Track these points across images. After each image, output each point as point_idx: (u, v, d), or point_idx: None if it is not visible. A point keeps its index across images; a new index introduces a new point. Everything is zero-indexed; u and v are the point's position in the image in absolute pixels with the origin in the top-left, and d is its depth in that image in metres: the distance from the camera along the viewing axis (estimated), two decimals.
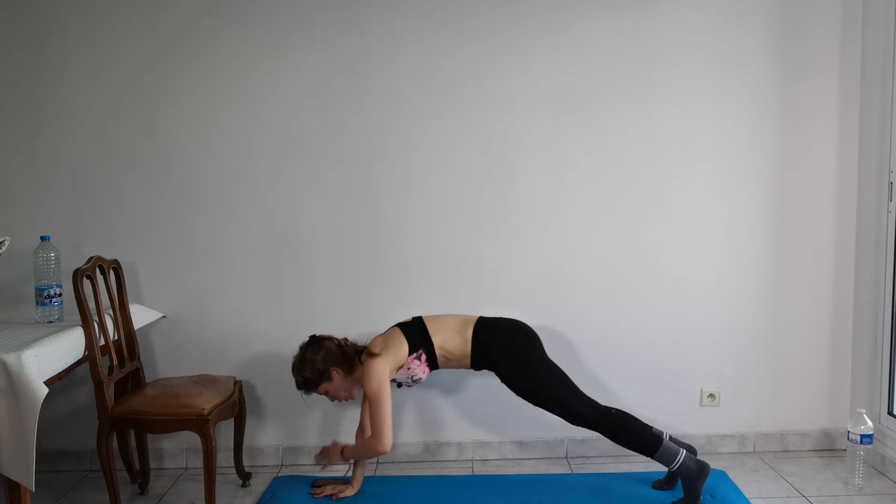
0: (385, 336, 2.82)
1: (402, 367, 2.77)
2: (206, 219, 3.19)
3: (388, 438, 2.66)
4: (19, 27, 3.09)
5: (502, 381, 2.82)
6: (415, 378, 2.80)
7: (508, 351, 2.79)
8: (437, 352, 2.78)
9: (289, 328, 3.19)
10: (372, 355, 2.71)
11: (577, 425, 2.77)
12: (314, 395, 2.83)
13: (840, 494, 2.91)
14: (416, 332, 2.79)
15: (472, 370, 2.88)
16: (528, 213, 3.21)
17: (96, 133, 3.14)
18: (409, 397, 3.26)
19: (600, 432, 2.75)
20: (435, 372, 2.86)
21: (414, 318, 2.87)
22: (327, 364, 2.74)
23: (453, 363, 2.82)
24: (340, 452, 2.85)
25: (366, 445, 2.77)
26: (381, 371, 2.68)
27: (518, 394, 2.80)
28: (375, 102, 3.16)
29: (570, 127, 3.18)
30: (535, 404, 2.79)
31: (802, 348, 3.31)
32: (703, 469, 2.69)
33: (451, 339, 2.78)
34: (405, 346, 2.76)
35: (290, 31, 3.12)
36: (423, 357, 2.78)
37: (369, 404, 2.70)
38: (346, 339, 2.85)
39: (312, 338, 2.83)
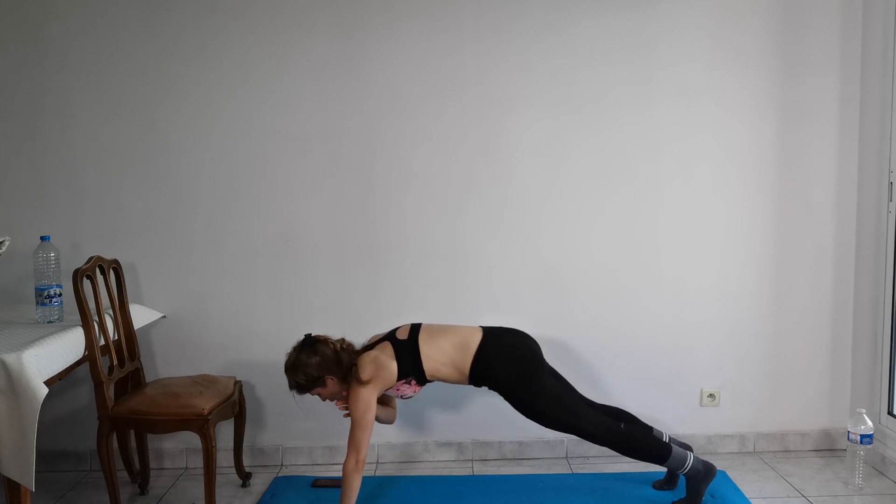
0: (375, 356, 2.68)
1: (390, 388, 2.72)
2: (206, 219, 3.19)
3: (360, 457, 2.58)
4: (18, 27, 3.09)
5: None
6: (404, 396, 2.76)
7: (511, 377, 2.70)
8: (429, 377, 2.71)
9: (289, 328, 3.18)
10: (360, 382, 2.63)
11: (586, 440, 2.74)
12: (306, 396, 2.80)
13: (840, 494, 2.91)
14: (407, 356, 2.68)
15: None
16: (528, 213, 3.21)
17: (96, 133, 3.14)
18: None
19: (611, 448, 2.72)
20: None
21: (410, 332, 2.74)
22: (321, 371, 2.66)
23: (450, 383, 2.77)
24: None
25: (346, 479, 2.62)
26: (367, 399, 2.62)
27: (521, 412, 2.75)
28: (375, 102, 3.16)
29: (570, 127, 3.18)
30: (539, 423, 2.75)
31: (802, 348, 3.30)
32: (709, 471, 2.69)
33: (444, 368, 2.70)
34: (395, 372, 2.66)
35: (290, 31, 3.12)
36: (413, 382, 2.72)
37: (351, 423, 2.63)
38: (342, 342, 2.75)
39: (308, 338, 2.73)
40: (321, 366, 2.67)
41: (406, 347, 2.70)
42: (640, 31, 3.15)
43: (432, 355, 2.69)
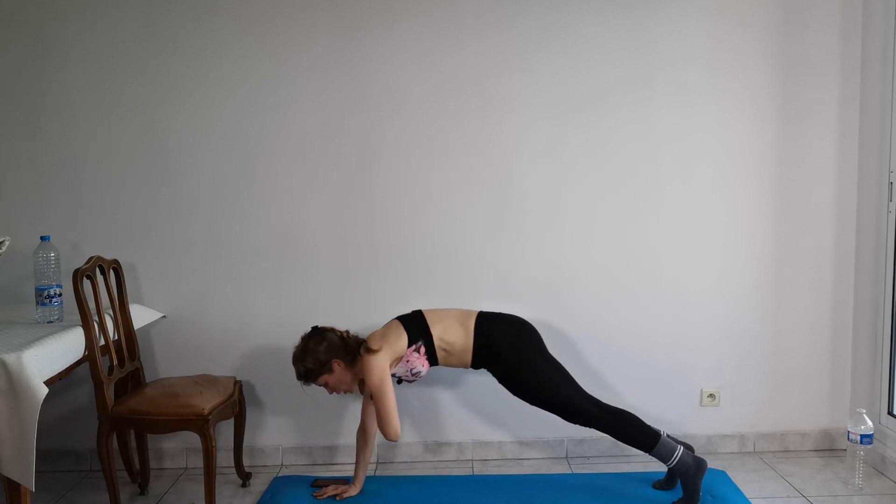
0: (384, 330, 2.82)
1: (401, 359, 2.77)
2: (206, 219, 3.19)
3: (395, 426, 2.68)
4: (18, 27, 3.09)
5: (500, 380, 2.81)
6: (414, 371, 2.79)
7: (511, 341, 2.79)
8: (437, 343, 2.78)
9: (289, 328, 3.18)
10: (371, 351, 2.71)
11: (576, 423, 2.77)
12: (313, 386, 2.83)
13: (840, 494, 2.91)
14: (415, 324, 2.79)
15: (470, 369, 2.88)
16: (528, 213, 3.21)
17: (96, 133, 3.14)
18: (410, 397, 3.26)
19: (599, 428, 2.75)
20: (435, 369, 2.86)
21: (414, 311, 2.87)
22: (329, 355, 2.74)
23: (454, 358, 2.81)
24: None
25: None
26: (381, 365, 2.69)
27: (517, 390, 2.79)
28: (375, 102, 3.16)
29: (570, 127, 3.18)
30: (533, 401, 2.79)
31: (802, 348, 3.31)
32: (700, 465, 2.69)
33: (451, 330, 2.78)
34: (404, 338, 2.76)
35: (290, 31, 3.12)
36: (423, 350, 2.77)
37: (373, 398, 2.71)
38: (347, 332, 2.85)
39: (315, 329, 2.83)
40: (328, 350, 2.75)
41: (412, 317, 2.83)
42: (640, 31, 3.15)
43: (438, 319, 2.81)
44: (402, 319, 2.83)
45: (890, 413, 3.08)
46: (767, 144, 3.21)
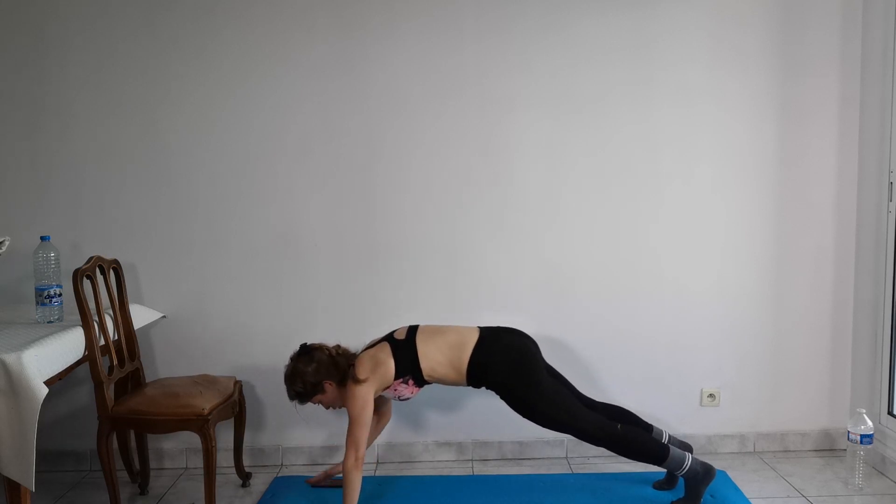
0: (373, 354, 2.71)
1: (388, 388, 2.72)
2: (206, 219, 3.19)
3: (361, 454, 2.60)
4: (18, 27, 3.09)
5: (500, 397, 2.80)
6: (401, 397, 2.77)
7: (506, 380, 2.71)
8: (427, 377, 2.72)
9: (289, 328, 3.19)
10: (357, 381, 2.64)
11: (582, 440, 2.75)
12: (308, 404, 2.80)
13: (840, 494, 2.91)
14: (405, 355, 2.69)
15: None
16: (528, 214, 3.21)
17: (96, 133, 3.14)
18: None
19: (607, 449, 2.72)
20: None
21: (408, 333, 2.76)
22: (319, 377, 2.68)
23: (447, 383, 2.78)
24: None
25: (346, 477, 2.62)
26: (365, 396, 2.63)
27: (516, 411, 2.76)
28: (375, 102, 3.16)
29: (570, 127, 3.18)
30: (534, 422, 2.76)
31: (802, 348, 3.31)
32: (708, 472, 2.69)
33: (441, 368, 2.71)
34: (392, 370, 2.68)
35: (290, 31, 3.12)
36: (411, 381, 2.72)
37: (349, 421, 2.64)
38: (338, 347, 2.78)
39: (303, 347, 2.77)
40: (318, 371, 2.69)
41: (404, 347, 2.72)
42: (640, 31, 3.15)
43: (430, 354, 2.70)
44: (393, 345, 2.72)
45: (890, 413, 3.08)
46: (767, 144, 3.21)
